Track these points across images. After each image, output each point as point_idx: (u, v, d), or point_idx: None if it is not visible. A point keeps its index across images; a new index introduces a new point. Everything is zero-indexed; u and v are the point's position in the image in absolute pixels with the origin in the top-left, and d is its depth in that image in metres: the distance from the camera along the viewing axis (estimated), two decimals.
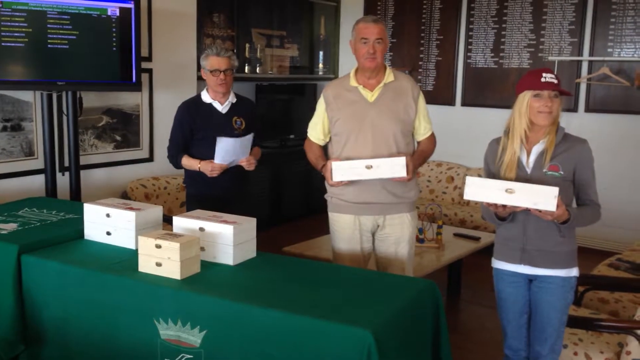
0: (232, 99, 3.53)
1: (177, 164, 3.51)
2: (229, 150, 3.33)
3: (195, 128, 3.46)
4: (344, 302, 2.20)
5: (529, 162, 2.49)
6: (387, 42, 3.02)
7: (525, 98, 2.44)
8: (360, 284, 2.41)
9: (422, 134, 3.13)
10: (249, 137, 3.42)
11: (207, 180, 3.40)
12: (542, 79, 2.40)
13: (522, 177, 2.47)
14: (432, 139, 3.18)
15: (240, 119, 3.52)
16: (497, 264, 2.63)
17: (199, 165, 3.39)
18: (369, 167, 2.87)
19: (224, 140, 3.30)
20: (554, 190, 2.30)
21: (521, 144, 2.49)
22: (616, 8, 5.55)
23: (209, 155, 3.36)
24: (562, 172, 2.44)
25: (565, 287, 2.52)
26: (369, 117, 2.99)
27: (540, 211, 2.35)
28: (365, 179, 2.94)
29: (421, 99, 3.09)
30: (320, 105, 3.14)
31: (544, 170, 2.45)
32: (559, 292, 2.51)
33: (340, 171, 2.92)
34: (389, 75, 3.05)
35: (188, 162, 3.45)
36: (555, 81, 2.41)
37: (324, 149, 3.21)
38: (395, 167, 2.87)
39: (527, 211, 2.42)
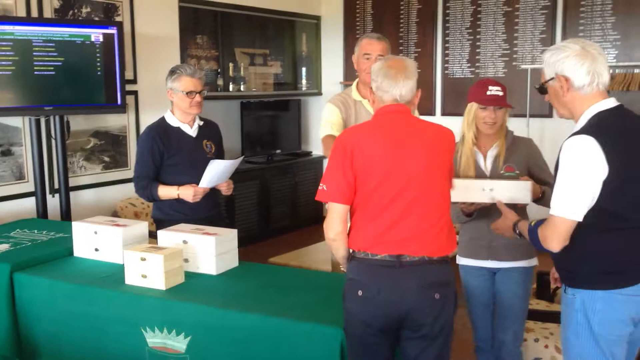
0: (198, 121, 3.31)
1: (153, 196, 3.16)
2: (217, 173, 3.12)
3: (167, 154, 3.19)
4: (318, 304, 2.35)
5: (487, 165, 2.68)
6: None
7: (472, 108, 2.64)
8: (334, 287, 2.53)
9: None
10: (239, 160, 3.27)
11: (177, 206, 3.18)
12: (488, 92, 2.58)
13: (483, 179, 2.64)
14: None
15: (209, 142, 3.34)
16: (463, 260, 2.80)
17: (177, 192, 3.12)
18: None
19: (215, 162, 3.08)
20: (527, 184, 2.47)
21: (476, 149, 2.68)
22: (584, 16, 5.75)
23: (179, 182, 3.15)
24: (517, 172, 2.63)
25: (527, 275, 2.73)
26: None
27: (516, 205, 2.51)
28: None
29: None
30: (331, 109, 3.16)
31: (501, 172, 2.64)
32: (522, 281, 2.71)
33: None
34: None
35: (165, 191, 3.14)
36: (501, 93, 2.58)
37: None
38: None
39: (492, 210, 2.57)
